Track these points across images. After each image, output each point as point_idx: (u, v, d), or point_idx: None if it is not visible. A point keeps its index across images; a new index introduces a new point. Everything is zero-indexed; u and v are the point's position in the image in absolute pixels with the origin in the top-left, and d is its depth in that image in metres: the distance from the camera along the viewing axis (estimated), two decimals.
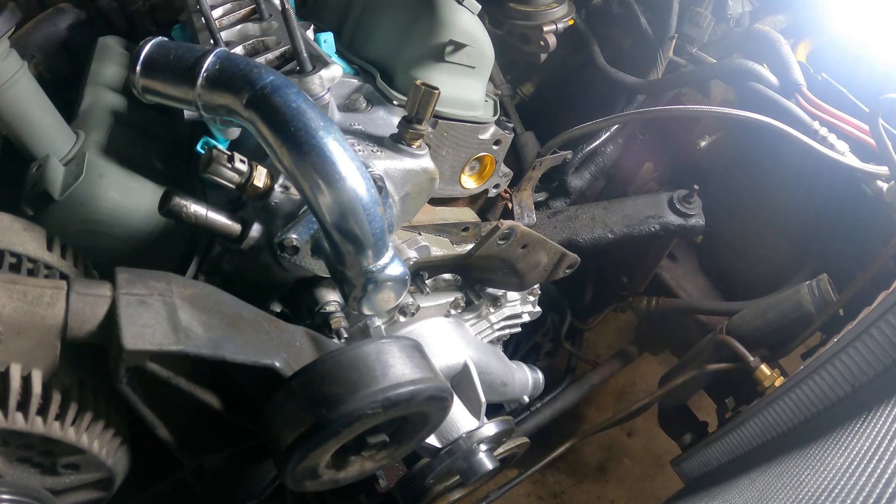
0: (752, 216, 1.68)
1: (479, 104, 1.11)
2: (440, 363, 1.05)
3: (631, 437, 2.16)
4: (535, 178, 1.40)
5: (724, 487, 1.15)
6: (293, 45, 0.88)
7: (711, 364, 1.34)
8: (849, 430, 0.87)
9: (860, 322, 0.96)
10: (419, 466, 1.01)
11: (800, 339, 1.30)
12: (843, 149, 1.27)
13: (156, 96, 0.76)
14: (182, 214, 0.77)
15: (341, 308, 0.94)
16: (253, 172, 0.80)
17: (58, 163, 0.99)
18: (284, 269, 0.88)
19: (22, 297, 0.64)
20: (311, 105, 0.70)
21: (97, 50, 1.22)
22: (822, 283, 1.27)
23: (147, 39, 0.74)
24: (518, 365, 1.32)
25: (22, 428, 0.63)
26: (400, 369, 0.72)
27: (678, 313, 1.68)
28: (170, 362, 0.68)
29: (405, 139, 0.90)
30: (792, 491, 0.87)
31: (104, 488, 0.77)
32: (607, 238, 1.41)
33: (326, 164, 0.69)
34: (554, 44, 1.40)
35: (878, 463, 0.74)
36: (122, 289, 0.68)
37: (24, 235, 0.77)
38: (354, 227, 0.71)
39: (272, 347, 0.75)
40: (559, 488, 2.03)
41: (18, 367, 0.64)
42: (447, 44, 1.00)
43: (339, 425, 0.68)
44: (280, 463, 0.69)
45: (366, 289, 0.77)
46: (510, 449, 1.10)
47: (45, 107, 1.00)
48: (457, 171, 1.15)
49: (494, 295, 1.21)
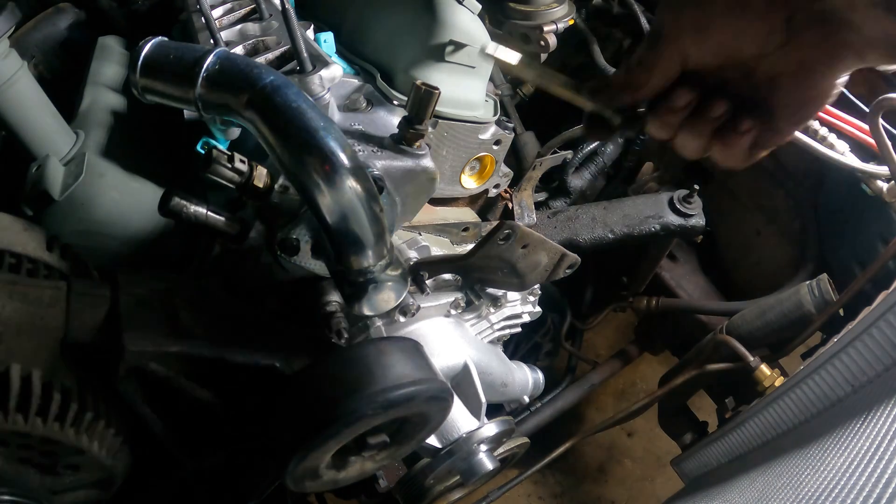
0: (752, 216, 1.68)
1: (480, 104, 1.11)
2: (440, 363, 1.05)
3: (631, 438, 2.16)
4: (535, 178, 1.40)
5: (724, 487, 1.15)
6: (293, 44, 0.88)
7: (711, 364, 1.34)
8: (849, 430, 0.87)
9: (860, 322, 0.96)
10: (419, 466, 1.01)
11: (800, 339, 1.30)
12: (843, 149, 1.27)
13: (156, 96, 0.76)
14: (182, 214, 0.77)
15: (341, 308, 0.94)
16: (253, 172, 0.80)
17: (58, 163, 0.98)
18: (284, 269, 0.88)
19: (22, 298, 0.64)
20: (311, 105, 0.70)
21: (97, 50, 1.22)
22: (822, 283, 1.27)
23: (147, 39, 0.74)
24: (518, 365, 1.32)
25: (22, 428, 0.63)
26: (400, 370, 0.72)
27: (678, 313, 1.68)
28: (170, 362, 0.68)
29: (405, 139, 0.90)
30: (792, 491, 0.87)
31: (104, 488, 0.77)
32: (607, 238, 1.41)
33: (327, 164, 0.69)
34: (554, 44, 1.40)
35: (878, 463, 0.74)
36: (122, 289, 0.68)
37: (24, 235, 0.77)
38: (354, 228, 0.71)
39: (272, 348, 0.75)
40: (559, 488, 2.03)
41: (18, 367, 0.64)
42: (447, 44, 1.00)
43: (340, 426, 0.68)
44: (280, 463, 0.69)
45: (366, 289, 0.77)
46: (510, 449, 1.10)
47: (45, 107, 1.00)
48: (457, 171, 1.15)
49: (494, 295, 1.21)
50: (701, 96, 0.58)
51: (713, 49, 0.55)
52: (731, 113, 0.59)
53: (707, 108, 0.58)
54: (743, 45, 0.54)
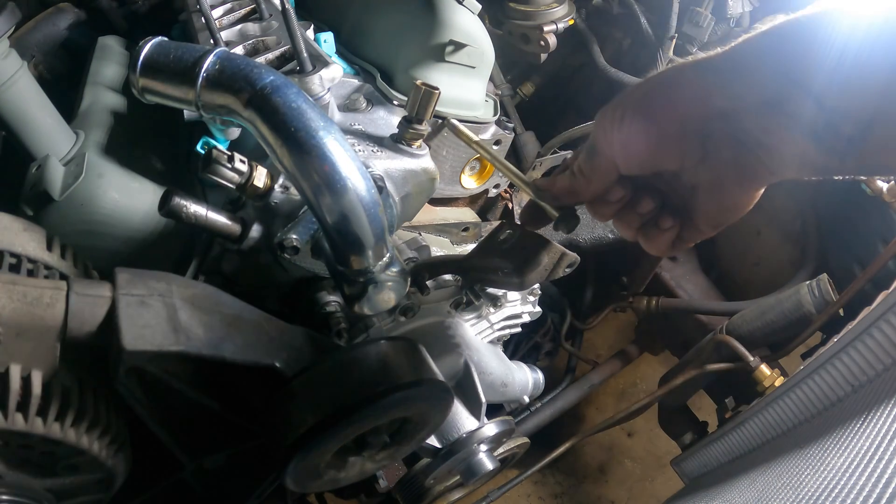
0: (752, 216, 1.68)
1: (480, 104, 1.11)
2: (440, 363, 1.05)
3: (631, 438, 2.16)
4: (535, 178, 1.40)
5: (724, 487, 1.15)
6: (293, 44, 0.88)
7: (711, 364, 1.34)
8: (849, 430, 0.87)
9: (860, 322, 0.96)
10: (419, 467, 1.01)
11: (800, 339, 1.30)
12: None
13: (155, 96, 0.76)
14: (182, 214, 0.77)
15: (341, 308, 0.94)
16: (253, 172, 0.80)
17: (58, 163, 0.98)
18: (284, 270, 0.88)
19: (22, 298, 0.64)
20: (311, 105, 0.70)
21: (97, 50, 1.22)
22: (822, 283, 1.27)
23: (147, 39, 0.74)
24: (518, 365, 1.32)
25: (22, 429, 0.63)
26: (400, 370, 0.72)
27: (678, 313, 1.68)
28: (170, 363, 0.68)
29: (405, 139, 0.90)
30: (792, 491, 0.87)
31: (104, 489, 0.77)
32: (607, 238, 1.41)
33: (327, 164, 0.69)
34: (554, 44, 1.40)
35: (878, 463, 0.74)
36: (121, 289, 0.68)
37: (24, 235, 0.76)
38: (354, 228, 0.71)
39: (272, 348, 0.75)
40: (559, 489, 2.03)
41: (18, 367, 0.64)
42: (447, 44, 1.00)
43: (340, 426, 0.68)
44: (280, 463, 0.69)
45: (366, 289, 0.77)
46: (510, 449, 1.10)
47: (45, 107, 0.99)
48: (457, 171, 1.15)
49: (494, 295, 1.20)
50: (631, 194, 0.65)
51: (638, 163, 0.60)
52: (657, 211, 0.65)
53: (635, 204, 0.65)
54: (662, 162, 0.59)
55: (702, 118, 0.55)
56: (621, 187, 0.64)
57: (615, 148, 0.60)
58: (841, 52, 0.46)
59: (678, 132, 0.57)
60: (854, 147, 0.49)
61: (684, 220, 0.65)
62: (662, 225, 0.65)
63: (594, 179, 0.64)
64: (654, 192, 0.65)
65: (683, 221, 0.66)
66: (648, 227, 0.67)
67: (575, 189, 0.67)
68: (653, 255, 0.69)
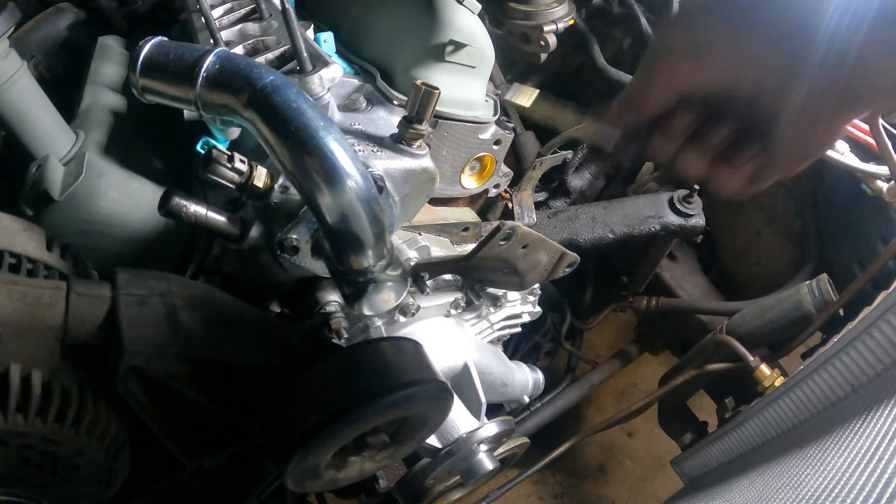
0: (752, 216, 1.68)
1: (480, 104, 1.11)
2: (440, 363, 1.05)
3: (631, 438, 2.16)
4: (535, 178, 1.40)
5: (724, 487, 1.15)
6: (293, 44, 0.88)
7: (711, 364, 1.34)
8: (849, 430, 0.87)
9: (860, 322, 0.96)
10: (419, 467, 1.01)
11: (800, 339, 1.30)
12: (842, 149, 1.27)
13: (155, 96, 0.76)
14: (182, 214, 0.77)
15: (341, 308, 0.94)
16: (253, 172, 0.80)
17: (58, 163, 0.98)
18: (284, 269, 0.88)
19: (22, 298, 0.64)
20: (311, 105, 0.70)
21: (97, 50, 1.22)
22: (822, 283, 1.27)
23: (147, 39, 0.74)
24: (518, 365, 1.32)
25: (22, 428, 0.63)
26: (400, 370, 0.72)
27: (678, 313, 1.68)
28: (170, 363, 0.68)
29: (405, 139, 0.90)
30: (792, 491, 0.87)
31: (104, 489, 0.77)
32: (607, 238, 1.41)
33: (326, 164, 0.69)
34: (554, 44, 1.40)
35: (878, 463, 0.74)
36: (121, 289, 0.68)
37: (24, 235, 0.77)
38: (354, 228, 0.71)
39: (272, 348, 0.75)
40: (559, 489, 2.03)
41: (18, 367, 0.64)
42: (447, 43, 1.00)
43: (340, 426, 0.68)
44: (280, 463, 0.69)
45: (366, 289, 0.77)
46: (510, 449, 1.10)
47: (45, 107, 1.00)
48: (457, 171, 1.15)
49: (494, 295, 1.21)
50: (702, 120, 0.56)
51: (711, 74, 0.52)
52: (733, 140, 0.56)
53: (708, 133, 0.56)
54: (745, 74, 0.51)
55: (814, 27, 0.46)
56: (689, 112, 0.55)
57: (684, 50, 0.51)
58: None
59: (773, 37, 0.48)
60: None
61: (764, 152, 0.56)
62: (740, 157, 0.56)
63: (653, 90, 0.55)
64: (729, 117, 0.55)
65: (763, 154, 0.56)
66: (724, 159, 0.57)
67: (633, 101, 0.57)
68: (727, 195, 0.59)
